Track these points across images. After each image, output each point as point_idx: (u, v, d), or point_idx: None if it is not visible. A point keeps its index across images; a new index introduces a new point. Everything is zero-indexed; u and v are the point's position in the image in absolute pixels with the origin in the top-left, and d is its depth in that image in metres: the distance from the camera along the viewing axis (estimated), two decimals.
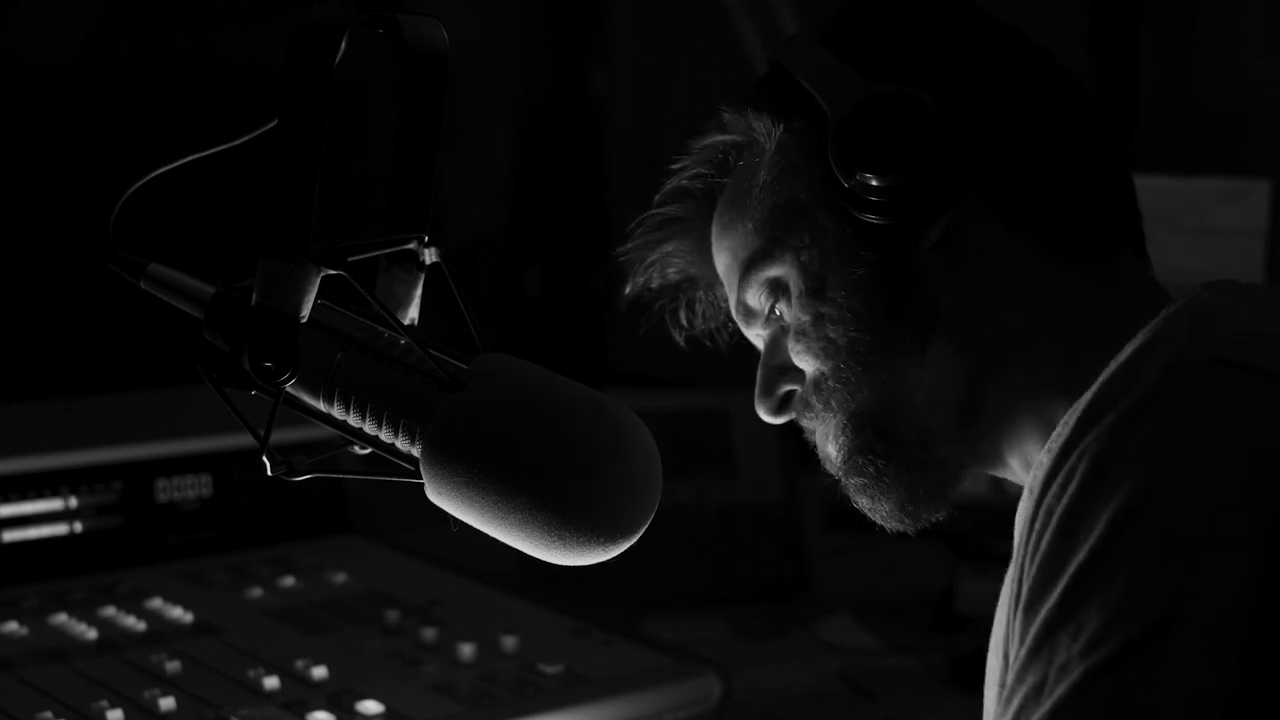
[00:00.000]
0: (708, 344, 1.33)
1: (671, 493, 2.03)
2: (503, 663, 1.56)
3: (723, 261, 1.22)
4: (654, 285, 1.30)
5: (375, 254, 1.03)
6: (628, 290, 1.30)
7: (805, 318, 1.15)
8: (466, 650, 1.56)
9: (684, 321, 1.32)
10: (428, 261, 1.06)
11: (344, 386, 0.99)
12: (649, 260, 1.29)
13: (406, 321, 1.07)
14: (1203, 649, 0.84)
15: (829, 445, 1.18)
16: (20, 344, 2.25)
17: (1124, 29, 2.74)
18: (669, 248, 1.28)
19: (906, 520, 1.17)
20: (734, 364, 1.31)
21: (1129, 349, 0.96)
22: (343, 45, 0.95)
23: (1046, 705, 0.88)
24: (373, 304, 0.99)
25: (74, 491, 1.78)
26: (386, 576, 1.82)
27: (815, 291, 1.14)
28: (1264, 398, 0.90)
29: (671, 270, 1.29)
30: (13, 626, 1.60)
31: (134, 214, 1.04)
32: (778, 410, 1.21)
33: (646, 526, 0.96)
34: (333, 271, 0.97)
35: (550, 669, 1.54)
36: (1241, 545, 0.85)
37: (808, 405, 1.18)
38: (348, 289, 0.99)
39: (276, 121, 0.97)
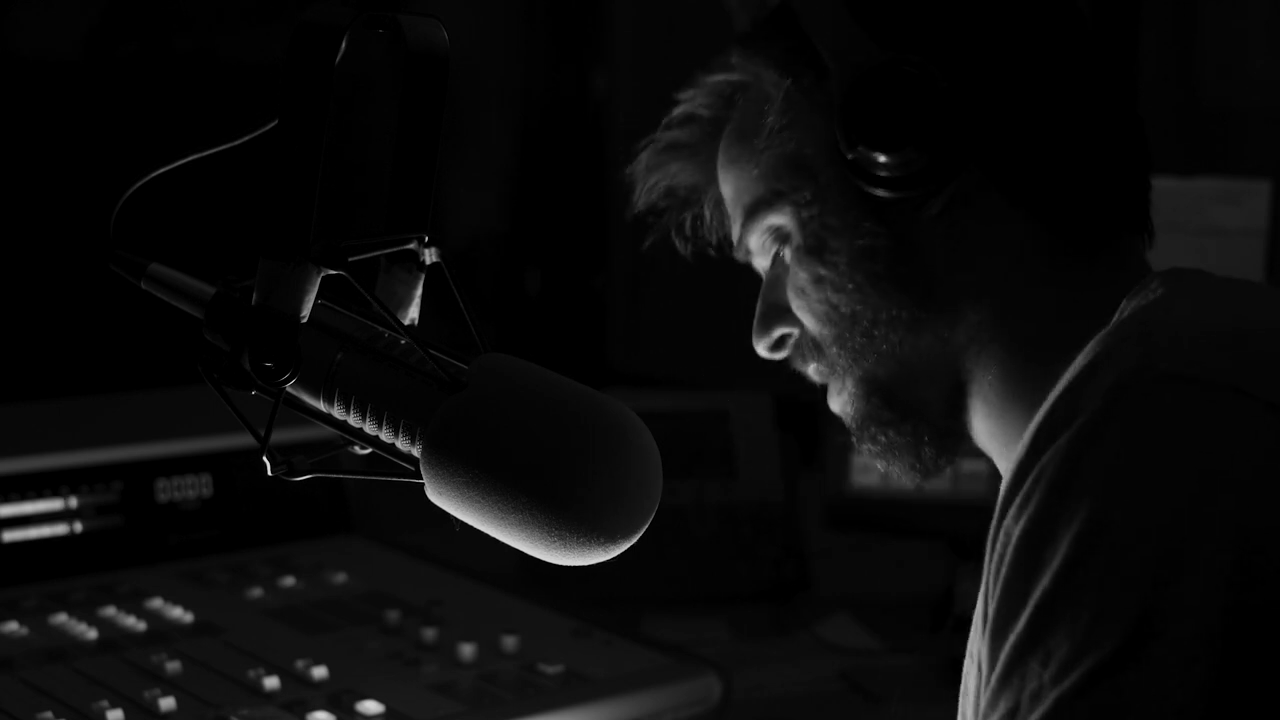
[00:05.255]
0: (712, 254, 1.32)
1: (671, 493, 2.04)
2: (503, 663, 1.56)
3: (727, 193, 1.22)
4: (661, 202, 1.28)
5: (375, 254, 1.03)
6: (633, 208, 1.29)
7: (804, 275, 1.15)
8: (467, 650, 1.56)
9: (689, 233, 1.31)
10: (428, 261, 1.06)
11: (344, 387, 0.99)
12: (654, 180, 1.28)
13: (407, 321, 1.06)
14: (1171, 671, 0.83)
15: (842, 408, 1.19)
16: (20, 344, 2.24)
17: (1124, 29, 2.74)
18: (675, 168, 1.27)
19: (918, 476, 1.19)
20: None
21: (1079, 363, 0.95)
22: (343, 45, 0.95)
23: None
24: (373, 304, 0.99)
25: (74, 491, 1.78)
26: (386, 576, 1.82)
27: (815, 251, 1.14)
28: (1211, 411, 0.88)
29: (680, 186, 1.28)
30: (13, 626, 1.60)
31: (134, 214, 1.04)
32: (773, 348, 1.22)
33: (646, 527, 0.96)
34: (333, 271, 0.97)
35: (550, 669, 1.54)
36: (1201, 566, 0.84)
37: (805, 357, 1.19)
38: (348, 289, 0.99)
39: (276, 121, 0.97)
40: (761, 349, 1.22)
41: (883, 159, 1.08)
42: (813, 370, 1.20)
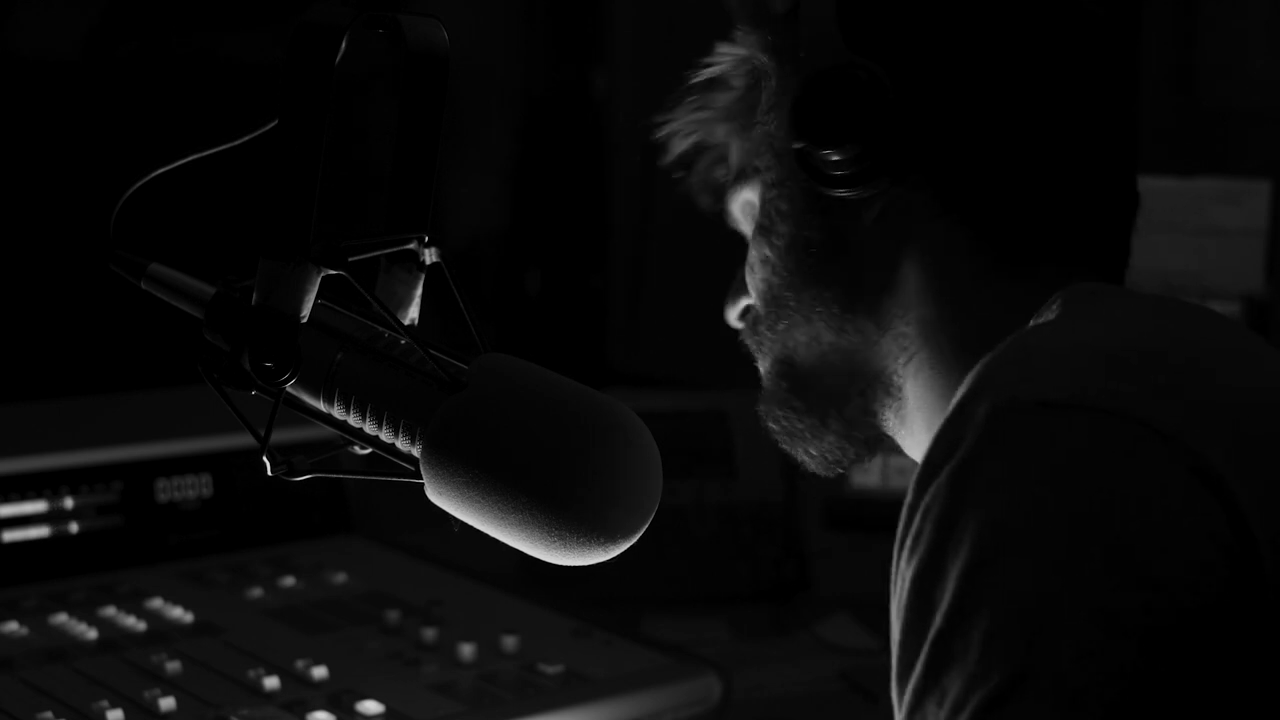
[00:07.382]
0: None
1: (671, 493, 2.03)
2: (503, 663, 1.56)
3: (730, 157, 1.23)
4: (690, 153, 1.27)
5: (375, 254, 1.03)
6: (668, 158, 1.27)
7: (754, 254, 1.17)
8: (467, 650, 1.56)
9: (715, 189, 1.30)
10: (428, 261, 1.06)
11: (344, 387, 0.99)
12: (686, 130, 1.26)
13: (407, 321, 1.07)
14: (1059, 698, 0.82)
15: (762, 380, 1.21)
16: (20, 344, 2.24)
17: (1124, 29, 2.73)
18: (706, 116, 1.25)
19: (818, 467, 1.20)
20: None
21: (963, 387, 0.93)
22: (343, 45, 0.95)
23: None
24: (373, 304, 0.99)
25: (74, 491, 1.78)
26: (386, 576, 1.82)
27: (765, 231, 1.16)
28: (1086, 436, 0.87)
29: (708, 140, 1.26)
30: (13, 626, 1.60)
31: (134, 214, 1.05)
32: (739, 318, 1.24)
33: (646, 526, 0.96)
34: (333, 271, 0.97)
35: (550, 669, 1.54)
36: (1085, 589, 0.83)
37: (751, 329, 1.21)
38: (348, 289, 0.99)
39: (276, 121, 0.97)
40: (729, 315, 1.25)
41: (823, 154, 1.08)
42: (751, 341, 1.21)
